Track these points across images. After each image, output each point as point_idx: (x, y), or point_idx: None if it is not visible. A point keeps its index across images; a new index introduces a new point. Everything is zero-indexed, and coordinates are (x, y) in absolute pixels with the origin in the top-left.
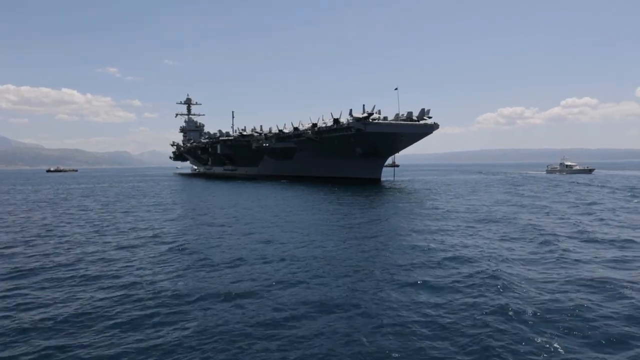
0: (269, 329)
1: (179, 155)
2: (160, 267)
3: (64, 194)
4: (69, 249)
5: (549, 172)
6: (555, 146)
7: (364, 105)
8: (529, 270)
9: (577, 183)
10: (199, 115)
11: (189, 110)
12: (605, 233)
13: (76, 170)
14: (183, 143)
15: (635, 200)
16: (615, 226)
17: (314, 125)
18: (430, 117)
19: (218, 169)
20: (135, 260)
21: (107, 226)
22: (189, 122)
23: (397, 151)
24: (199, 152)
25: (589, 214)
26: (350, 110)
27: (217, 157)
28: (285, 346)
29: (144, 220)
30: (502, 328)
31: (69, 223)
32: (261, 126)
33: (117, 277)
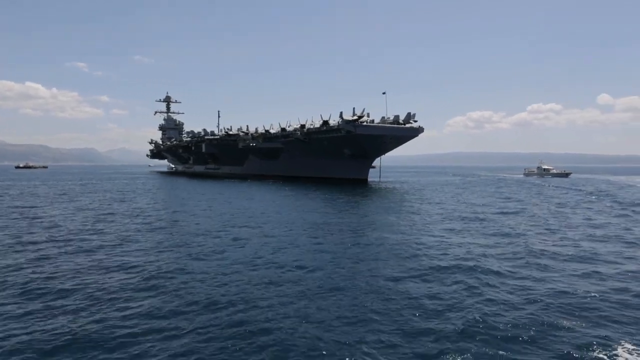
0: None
1: (157, 154)
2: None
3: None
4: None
5: (526, 175)
6: (522, 150)
7: (354, 108)
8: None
9: (564, 187)
10: (179, 113)
11: (168, 108)
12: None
13: (46, 167)
14: (162, 141)
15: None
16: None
17: (303, 126)
18: (415, 121)
19: (199, 168)
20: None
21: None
22: (168, 120)
23: (384, 153)
24: (180, 150)
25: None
26: (341, 112)
27: (199, 156)
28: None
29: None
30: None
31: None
32: (247, 126)
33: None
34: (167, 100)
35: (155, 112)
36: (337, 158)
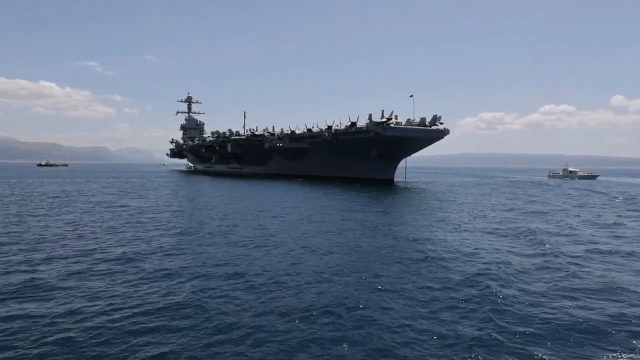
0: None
1: (177, 152)
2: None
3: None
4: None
5: (550, 177)
6: (531, 151)
7: (382, 110)
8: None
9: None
10: (200, 113)
11: (189, 108)
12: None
13: (67, 165)
14: (184, 140)
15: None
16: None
17: (329, 127)
18: (441, 123)
19: (221, 167)
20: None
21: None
22: (189, 120)
23: (410, 154)
24: (203, 150)
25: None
26: (370, 115)
27: (222, 156)
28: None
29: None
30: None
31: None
32: (273, 127)
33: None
34: (189, 100)
35: (177, 112)
36: (363, 158)
